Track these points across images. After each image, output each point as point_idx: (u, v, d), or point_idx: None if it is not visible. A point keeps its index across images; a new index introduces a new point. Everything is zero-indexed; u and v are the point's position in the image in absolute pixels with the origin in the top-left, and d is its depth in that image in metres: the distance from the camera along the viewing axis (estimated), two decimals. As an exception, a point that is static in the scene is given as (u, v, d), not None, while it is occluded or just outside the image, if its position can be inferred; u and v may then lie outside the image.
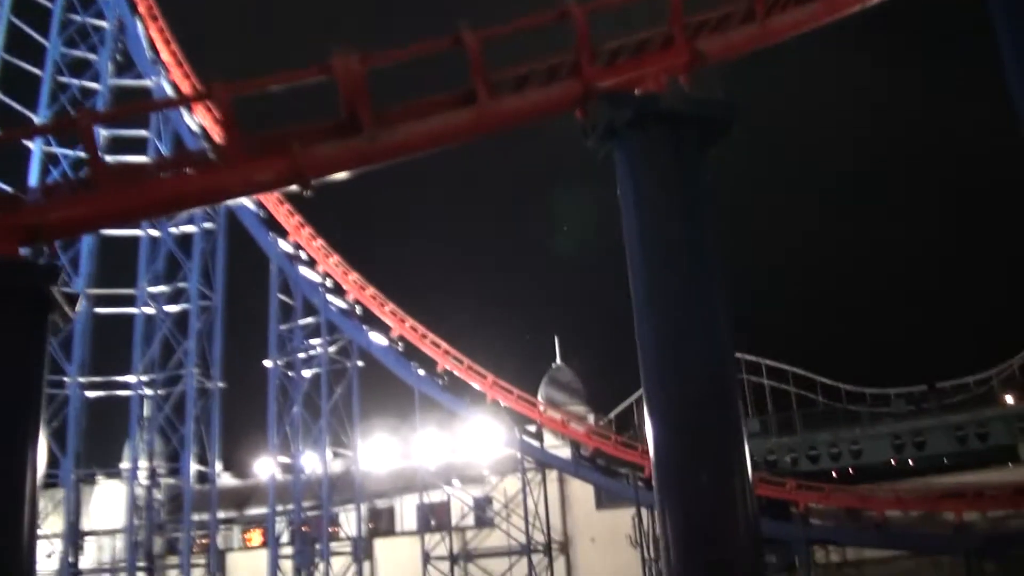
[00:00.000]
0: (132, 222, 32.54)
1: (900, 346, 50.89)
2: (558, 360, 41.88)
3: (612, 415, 39.65)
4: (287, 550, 37.60)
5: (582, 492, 36.48)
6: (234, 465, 44.53)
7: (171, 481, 41.40)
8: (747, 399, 39.40)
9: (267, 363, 38.06)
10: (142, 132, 37.99)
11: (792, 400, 39.21)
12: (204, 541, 39.93)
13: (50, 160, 35.72)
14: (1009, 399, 37.39)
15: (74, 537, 38.51)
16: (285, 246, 38.31)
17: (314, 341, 38.44)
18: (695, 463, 10.34)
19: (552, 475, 36.73)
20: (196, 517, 38.52)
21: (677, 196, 11.15)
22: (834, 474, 36.83)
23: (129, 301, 38.15)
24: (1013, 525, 31.22)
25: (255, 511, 41.74)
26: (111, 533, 40.93)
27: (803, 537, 31.48)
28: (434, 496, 38.46)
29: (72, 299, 11.33)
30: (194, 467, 37.53)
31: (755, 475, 32.36)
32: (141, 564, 38.41)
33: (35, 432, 9.91)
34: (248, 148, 10.97)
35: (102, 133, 36.61)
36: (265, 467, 43.78)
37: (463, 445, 38.38)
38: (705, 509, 10.19)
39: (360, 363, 38.30)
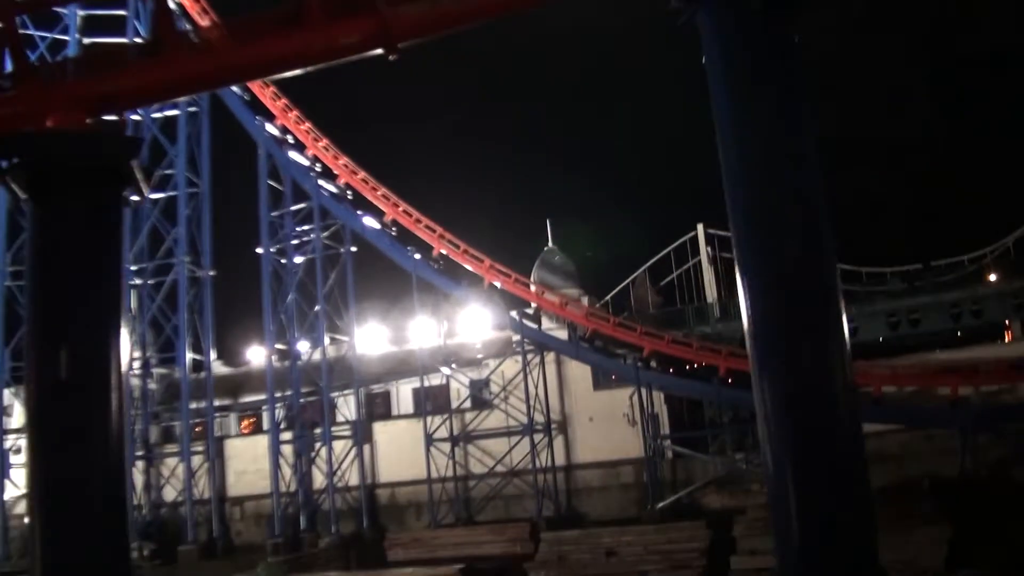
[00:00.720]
0: (203, 90, 31.23)
1: (895, 225, 50.92)
2: (550, 243, 41.54)
3: (608, 298, 39.50)
4: (285, 435, 37.86)
5: (580, 373, 36.64)
6: (226, 354, 44.39)
7: (163, 371, 41.34)
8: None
9: (259, 250, 37.62)
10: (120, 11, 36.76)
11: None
12: (199, 429, 40.11)
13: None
14: (993, 277, 37.57)
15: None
16: (272, 130, 37.41)
17: (306, 227, 37.95)
18: (794, 328, 10.13)
19: (550, 357, 36.79)
20: (192, 405, 38.69)
21: (767, 59, 10.61)
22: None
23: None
24: (1006, 399, 31.70)
25: (250, 398, 41.86)
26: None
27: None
28: (431, 380, 38.54)
29: (148, 174, 10.41)
30: (188, 356, 37.46)
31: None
32: (139, 453, 38.70)
33: (118, 316, 9.26)
34: (329, 8, 10.06)
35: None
36: (258, 354, 43.87)
37: (459, 329, 38.36)
38: (805, 376, 10.03)
39: (353, 248, 37.96)
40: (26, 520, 7.87)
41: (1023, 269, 35.58)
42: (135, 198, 10.65)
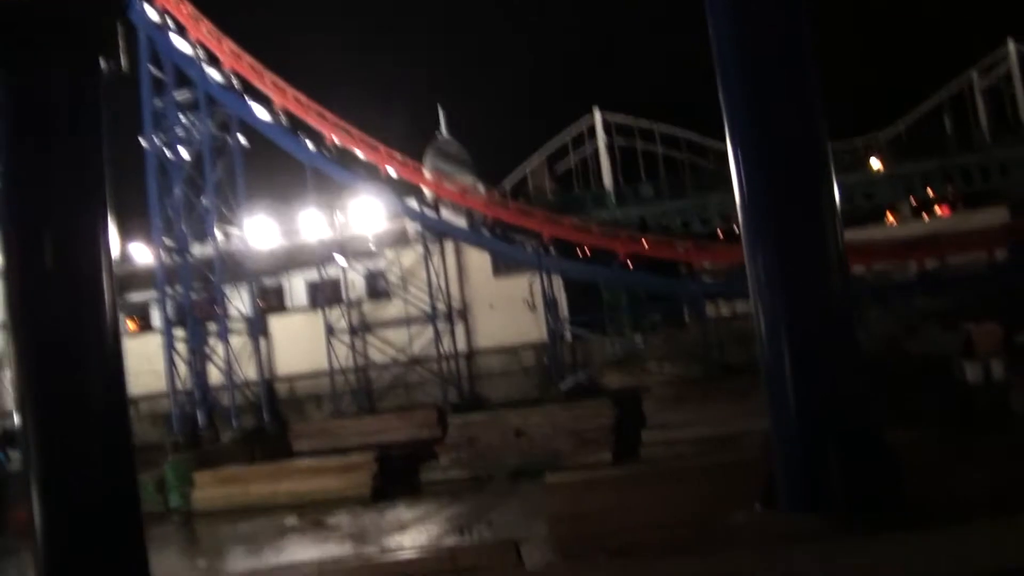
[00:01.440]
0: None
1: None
2: (443, 131, 40.94)
3: (506, 187, 39.46)
4: (178, 333, 36.89)
5: (479, 261, 36.66)
6: (108, 250, 42.67)
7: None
8: (640, 165, 39.94)
9: (143, 142, 35.94)
10: None
11: (685, 165, 39.78)
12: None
13: None
14: (875, 161, 38.95)
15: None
16: (152, 13, 35.42)
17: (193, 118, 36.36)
18: (787, 204, 10.20)
19: (448, 246, 36.63)
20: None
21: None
22: (720, 234, 38.00)
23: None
24: (895, 277, 33.22)
25: (137, 296, 40.52)
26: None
27: (701, 292, 32.72)
28: (326, 272, 38.03)
29: (126, 38, 9.20)
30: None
31: (650, 237, 33.15)
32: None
33: (103, 195, 8.44)
34: None
35: None
36: (142, 251, 42.42)
37: (355, 219, 37.73)
38: (798, 252, 10.14)
39: (242, 139, 36.67)
40: (18, 427, 7.25)
41: (914, 153, 36.94)
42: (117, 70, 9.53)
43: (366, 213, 37.70)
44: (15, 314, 7.66)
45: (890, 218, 38.33)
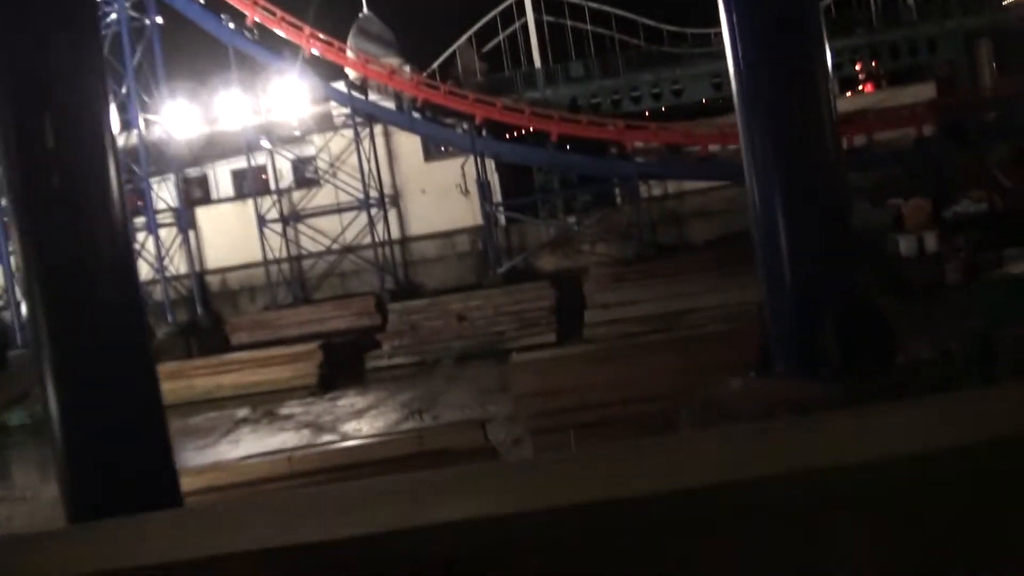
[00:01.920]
0: None
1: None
2: (365, 9, 39.70)
3: (434, 67, 38.61)
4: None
5: (409, 146, 36.16)
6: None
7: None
8: (569, 44, 39.39)
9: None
10: None
11: (615, 44, 39.36)
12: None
13: None
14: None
15: None
16: None
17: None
18: (782, 78, 10.20)
19: (377, 131, 35.96)
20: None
21: None
22: (646, 114, 38.05)
23: None
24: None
25: None
26: None
27: (634, 172, 32.91)
28: (253, 160, 37.19)
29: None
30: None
31: (582, 117, 33.08)
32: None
33: (101, 67, 7.95)
34: None
35: None
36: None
37: (279, 104, 36.70)
38: (792, 125, 10.20)
39: (159, 20, 35.16)
40: (25, 310, 6.94)
41: (842, 28, 37.02)
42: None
43: (290, 97, 36.72)
44: (17, 198, 7.34)
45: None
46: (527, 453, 14.36)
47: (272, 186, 36.26)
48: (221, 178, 38.72)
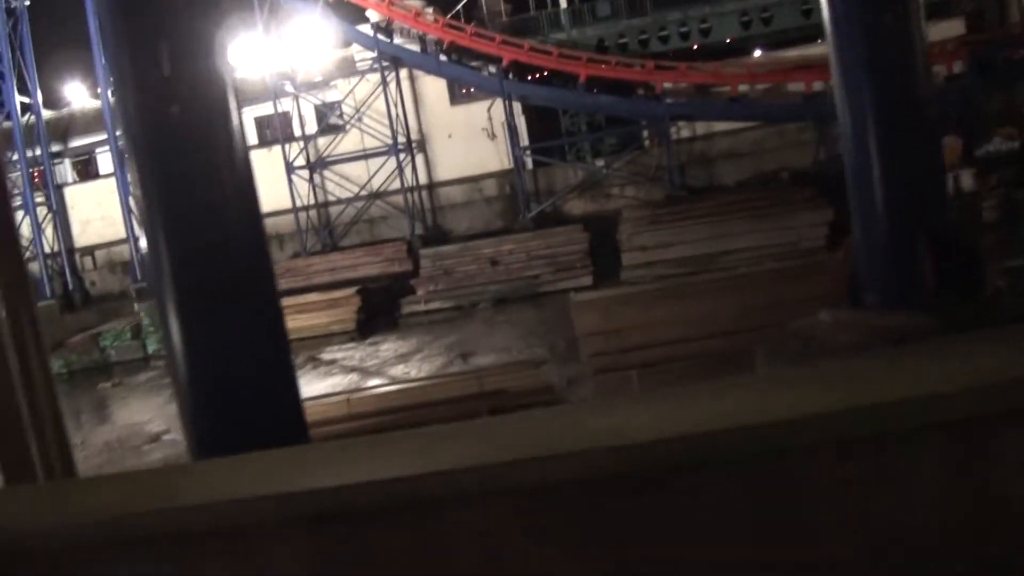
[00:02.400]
0: None
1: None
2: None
3: (457, 8, 38.11)
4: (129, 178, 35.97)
5: (435, 90, 35.99)
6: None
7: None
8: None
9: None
10: None
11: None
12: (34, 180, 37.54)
13: None
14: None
15: None
16: None
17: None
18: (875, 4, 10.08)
19: (401, 76, 35.75)
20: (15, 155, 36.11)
21: None
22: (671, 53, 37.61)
23: None
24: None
25: (80, 141, 39.11)
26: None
27: (666, 114, 32.72)
28: (278, 106, 37.12)
29: None
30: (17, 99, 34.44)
31: (611, 58, 32.73)
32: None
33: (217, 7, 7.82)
34: None
35: None
36: (79, 93, 40.92)
37: (302, 49, 36.46)
38: (886, 48, 10.12)
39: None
40: (145, 252, 6.82)
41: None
42: None
43: (312, 42, 36.49)
44: (132, 130, 7.34)
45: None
46: (585, 393, 14.53)
47: (293, 133, 36.10)
48: (246, 125, 38.52)
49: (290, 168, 35.09)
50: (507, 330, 23.02)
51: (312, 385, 20.39)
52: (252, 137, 38.43)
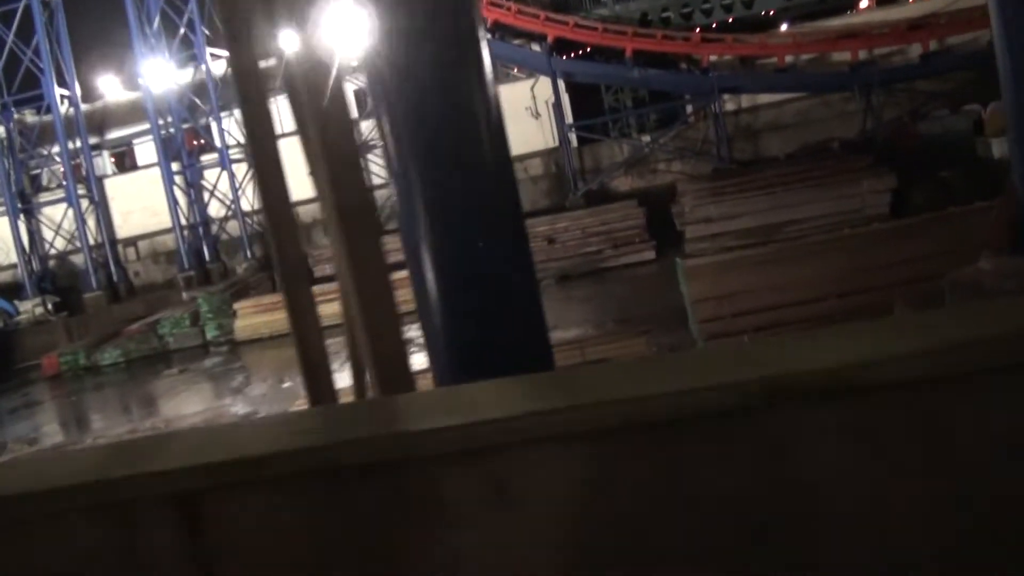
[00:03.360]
0: None
1: None
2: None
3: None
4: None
5: (477, 70, 35.96)
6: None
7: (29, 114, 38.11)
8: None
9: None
10: None
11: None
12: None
13: None
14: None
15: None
16: None
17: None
18: None
19: (442, 57, 35.74)
20: (53, 148, 36.42)
21: None
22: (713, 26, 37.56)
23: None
24: (897, 61, 33.51)
25: (120, 133, 39.24)
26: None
27: (714, 87, 32.72)
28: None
29: None
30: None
31: (656, 32, 32.59)
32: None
33: None
34: None
35: None
36: (113, 85, 41.09)
37: (342, 30, 36.45)
38: None
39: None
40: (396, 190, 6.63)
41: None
42: None
43: (351, 23, 36.57)
44: (388, 78, 7.36)
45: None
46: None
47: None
48: (285, 112, 38.55)
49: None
50: (578, 305, 23.14)
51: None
52: (290, 124, 38.49)
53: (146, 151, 38.49)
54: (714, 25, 35.90)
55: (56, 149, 36.41)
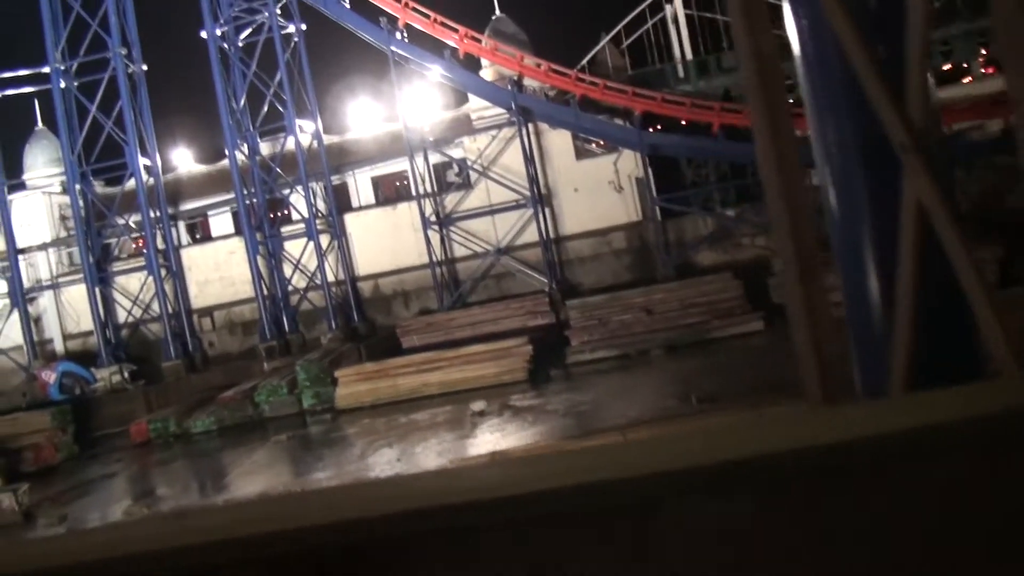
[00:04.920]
0: None
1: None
2: (497, 11, 40.51)
3: (583, 63, 39.06)
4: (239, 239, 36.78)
5: (560, 145, 36.71)
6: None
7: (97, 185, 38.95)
8: (720, 34, 40.07)
9: (203, 34, 35.21)
10: None
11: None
12: (141, 244, 38.44)
13: None
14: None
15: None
16: None
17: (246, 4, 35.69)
18: None
19: (522, 131, 36.48)
20: (130, 218, 37.14)
21: None
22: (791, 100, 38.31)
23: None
24: (974, 135, 34.14)
25: (194, 204, 39.93)
26: (52, 245, 38.93)
27: (804, 160, 33.16)
28: (393, 167, 38.12)
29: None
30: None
31: (743, 107, 32.99)
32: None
33: None
34: None
35: None
36: (185, 157, 42.09)
37: (426, 107, 37.42)
38: None
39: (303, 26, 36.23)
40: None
41: (986, 7, 37.30)
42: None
43: (431, 100, 37.57)
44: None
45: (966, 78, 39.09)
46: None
47: (424, 190, 36.76)
48: (361, 185, 39.39)
49: (427, 223, 35.69)
50: (707, 374, 23.19)
51: (526, 429, 20.73)
52: (368, 196, 39.31)
53: (221, 222, 39.22)
54: (791, 100, 36.65)
55: (133, 218, 37.05)
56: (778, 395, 16.57)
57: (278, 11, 35.28)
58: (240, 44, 36.39)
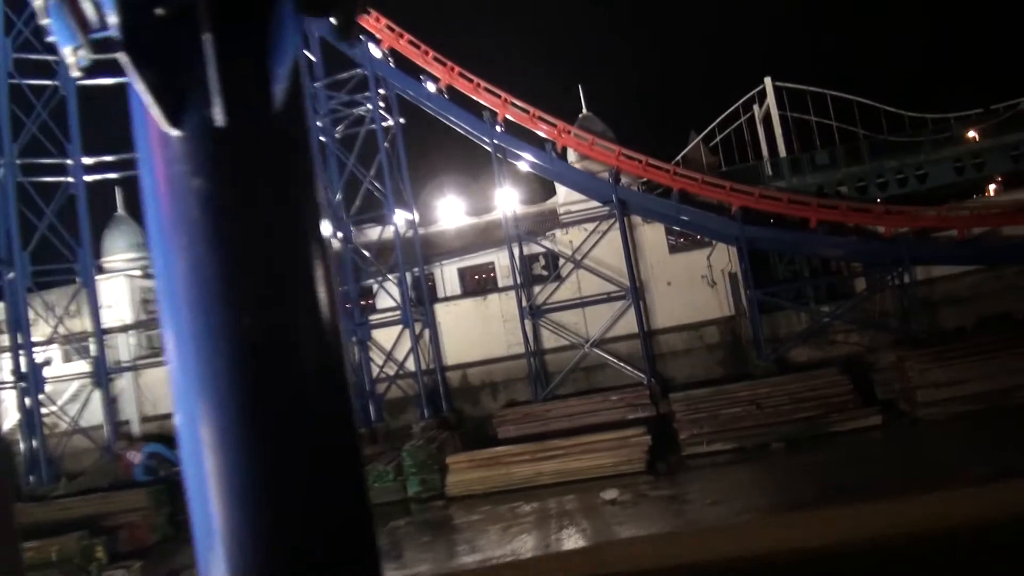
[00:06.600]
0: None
1: (954, 70, 52.84)
2: (584, 110, 41.86)
3: (678, 158, 40.15)
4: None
5: (653, 238, 37.50)
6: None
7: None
8: (814, 134, 41.15)
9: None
10: None
11: (858, 132, 41.05)
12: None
13: None
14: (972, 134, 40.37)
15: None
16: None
17: (349, 97, 37.04)
18: None
19: (615, 226, 37.29)
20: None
21: None
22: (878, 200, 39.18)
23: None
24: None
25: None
26: (133, 328, 39.78)
27: (906, 257, 33.83)
28: (480, 259, 38.94)
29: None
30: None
31: (840, 203, 33.93)
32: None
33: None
34: None
35: None
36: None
37: (522, 198, 38.42)
38: None
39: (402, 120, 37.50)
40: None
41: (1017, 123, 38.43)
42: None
43: (518, 195, 38.60)
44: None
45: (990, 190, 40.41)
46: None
47: (519, 280, 37.34)
48: (448, 275, 40.20)
49: (524, 313, 36.30)
50: (835, 468, 23.40)
51: (667, 519, 20.88)
52: (454, 287, 40.07)
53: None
54: (878, 200, 37.61)
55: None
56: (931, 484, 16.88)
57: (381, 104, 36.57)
58: (337, 136, 37.65)
